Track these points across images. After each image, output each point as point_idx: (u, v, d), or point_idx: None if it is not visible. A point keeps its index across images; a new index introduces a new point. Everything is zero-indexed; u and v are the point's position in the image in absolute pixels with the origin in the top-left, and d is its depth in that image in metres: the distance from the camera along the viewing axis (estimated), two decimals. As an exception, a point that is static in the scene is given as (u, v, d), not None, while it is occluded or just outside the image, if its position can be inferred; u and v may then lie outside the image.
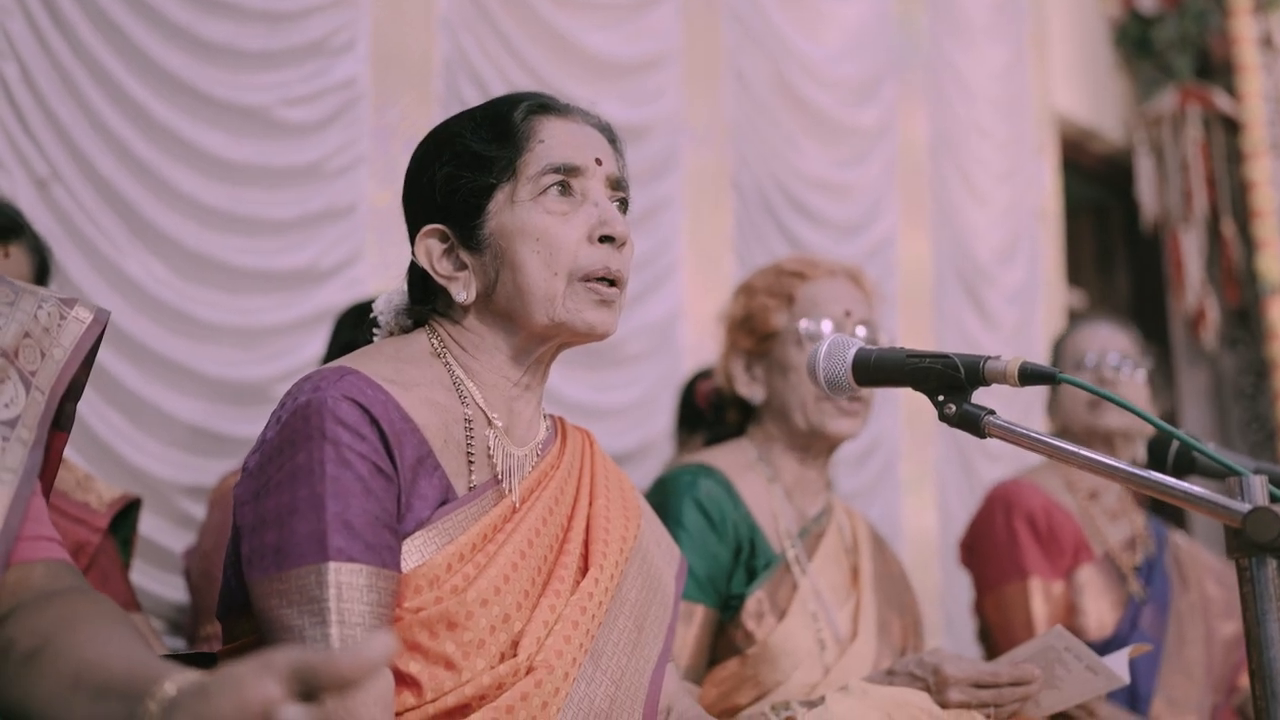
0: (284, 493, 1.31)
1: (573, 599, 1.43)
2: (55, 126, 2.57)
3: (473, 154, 1.47)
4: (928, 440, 4.43)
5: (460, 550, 1.37)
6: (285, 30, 2.93)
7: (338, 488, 1.30)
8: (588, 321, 1.44)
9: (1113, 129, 5.66)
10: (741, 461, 2.08)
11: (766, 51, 4.07)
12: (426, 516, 1.36)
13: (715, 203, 3.90)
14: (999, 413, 1.44)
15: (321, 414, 1.32)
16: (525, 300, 1.44)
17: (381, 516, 1.32)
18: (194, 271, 2.75)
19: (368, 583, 1.29)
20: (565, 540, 1.48)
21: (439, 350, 1.47)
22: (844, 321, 2.07)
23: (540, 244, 1.43)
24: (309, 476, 1.30)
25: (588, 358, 3.49)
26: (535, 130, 1.48)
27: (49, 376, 1.20)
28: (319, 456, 1.30)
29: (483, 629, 1.35)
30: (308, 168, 2.95)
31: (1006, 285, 4.88)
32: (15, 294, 1.21)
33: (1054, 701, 1.84)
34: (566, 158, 1.47)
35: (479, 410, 1.45)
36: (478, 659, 1.34)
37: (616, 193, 1.52)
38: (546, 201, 1.45)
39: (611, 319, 1.46)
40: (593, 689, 1.43)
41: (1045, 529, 2.61)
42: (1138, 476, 1.34)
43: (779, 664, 1.92)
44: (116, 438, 2.60)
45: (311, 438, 1.31)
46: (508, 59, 3.37)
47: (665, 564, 1.63)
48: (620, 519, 1.55)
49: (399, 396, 1.38)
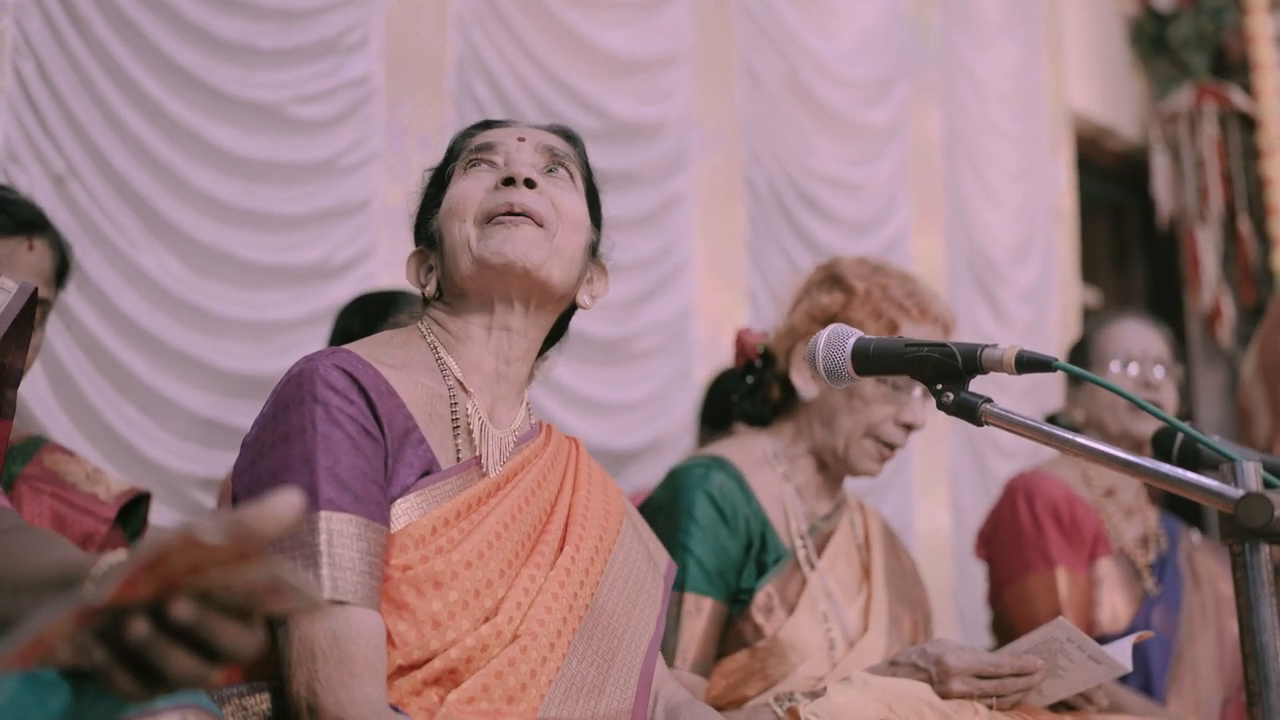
0: (278, 453, 1.38)
1: (551, 573, 1.49)
2: (71, 123, 2.60)
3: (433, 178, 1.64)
4: (941, 438, 4.43)
5: (445, 516, 1.43)
6: (299, 28, 2.96)
7: (328, 444, 1.36)
8: (498, 252, 1.49)
9: (1128, 127, 5.65)
10: (756, 456, 2.06)
11: (779, 50, 4.08)
12: (411, 483, 1.42)
13: (727, 200, 3.91)
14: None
15: (312, 380, 1.39)
16: (454, 258, 1.54)
17: (370, 473, 1.38)
18: (208, 266, 2.78)
19: (357, 532, 1.35)
20: (547, 524, 1.54)
21: (426, 335, 1.56)
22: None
23: (455, 205, 1.55)
24: (300, 435, 1.37)
25: (599, 354, 3.51)
26: (473, 138, 1.62)
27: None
28: (310, 417, 1.37)
29: (466, 590, 1.41)
30: (321, 164, 2.98)
31: (1020, 283, 4.87)
32: None
33: (1056, 690, 1.84)
34: (486, 140, 1.59)
35: (458, 384, 1.52)
36: (462, 619, 1.39)
37: (549, 160, 1.59)
38: (464, 174, 1.57)
39: (523, 245, 1.50)
40: (584, 666, 1.48)
41: (1068, 519, 2.59)
42: (1135, 464, 1.35)
43: (787, 658, 1.93)
44: (131, 430, 2.63)
45: (303, 401, 1.38)
46: (520, 57, 3.39)
47: (652, 558, 1.68)
48: (600, 513, 1.60)
49: (387, 374, 1.45)
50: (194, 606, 0.86)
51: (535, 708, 1.41)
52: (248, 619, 0.89)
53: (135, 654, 0.88)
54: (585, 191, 1.63)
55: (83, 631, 0.88)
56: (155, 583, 0.86)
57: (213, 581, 0.86)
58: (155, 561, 0.85)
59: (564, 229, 1.54)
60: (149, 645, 0.87)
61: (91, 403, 2.57)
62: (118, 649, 0.88)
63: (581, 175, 1.63)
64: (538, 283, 1.52)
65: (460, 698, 1.37)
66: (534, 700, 1.41)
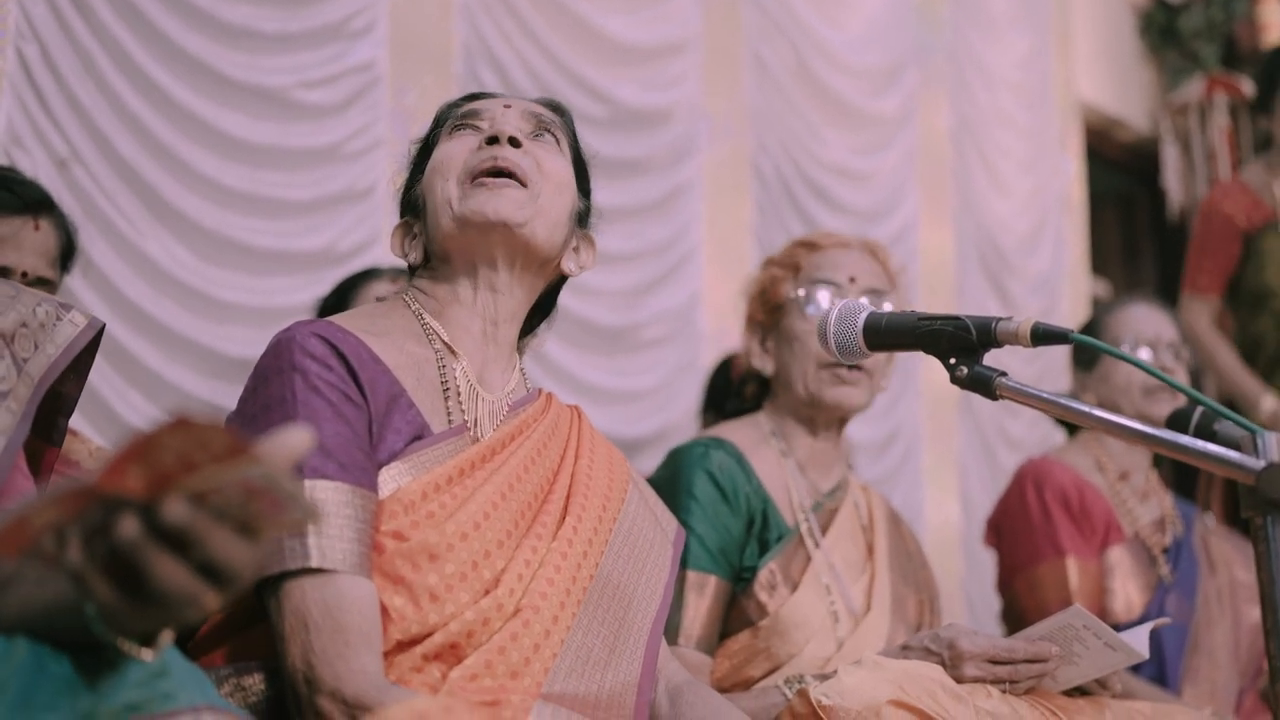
0: (259, 423, 1.35)
1: (553, 544, 1.46)
2: (75, 107, 2.58)
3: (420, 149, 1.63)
4: (950, 429, 4.41)
5: (436, 481, 1.40)
6: (304, 13, 2.95)
7: (309, 411, 1.35)
8: (478, 211, 1.47)
9: (1138, 118, 5.62)
10: (755, 435, 2.07)
11: (787, 38, 4.06)
12: (400, 449, 1.40)
13: (735, 189, 3.89)
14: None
15: (290, 348, 1.38)
16: (437, 219, 1.52)
17: (354, 439, 1.36)
18: (213, 252, 2.77)
19: (344, 499, 1.33)
20: (549, 493, 1.51)
21: (410, 304, 1.54)
22: (846, 288, 2.04)
23: (439, 164, 1.53)
24: (281, 404, 1.36)
25: (606, 342, 3.49)
26: (459, 108, 1.60)
27: (39, 366, 1.27)
28: (290, 386, 1.36)
29: (464, 562, 1.37)
30: (326, 150, 2.97)
31: (1030, 274, 4.84)
32: (17, 291, 1.29)
33: (1071, 677, 1.82)
34: (472, 108, 1.58)
35: (445, 347, 1.50)
36: (461, 592, 1.36)
37: (535, 125, 1.57)
38: (449, 138, 1.55)
39: (506, 205, 1.48)
40: (590, 638, 1.45)
41: (1078, 506, 2.56)
42: (1153, 436, 1.33)
43: (790, 636, 1.91)
44: (137, 417, 2.61)
45: (282, 370, 1.37)
46: (526, 43, 3.37)
47: (660, 525, 1.65)
48: (604, 482, 1.57)
49: (370, 342, 1.44)
50: (187, 507, 0.82)
51: (539, 682, 1.38)
52: (246, 534, 0.84)
53: (121, 558, 0.83)
54: (573, 160, 1.61)
55: (70, 524, 0.83)
56: (147, 474, 0.82)
57: (207, 481, 0.82)
58: (146, 445, 0.81)
59: (548, 189, 1.52)
60: (137, 548, 0.82)
61: (96, 388, 2.56)
62: (103, 552, 0.83)
63: (569, 143, 1.61)
64: (520, 241, 1.50)
65: (463, 675, 1.34)
66: (538, 675, 1.38)
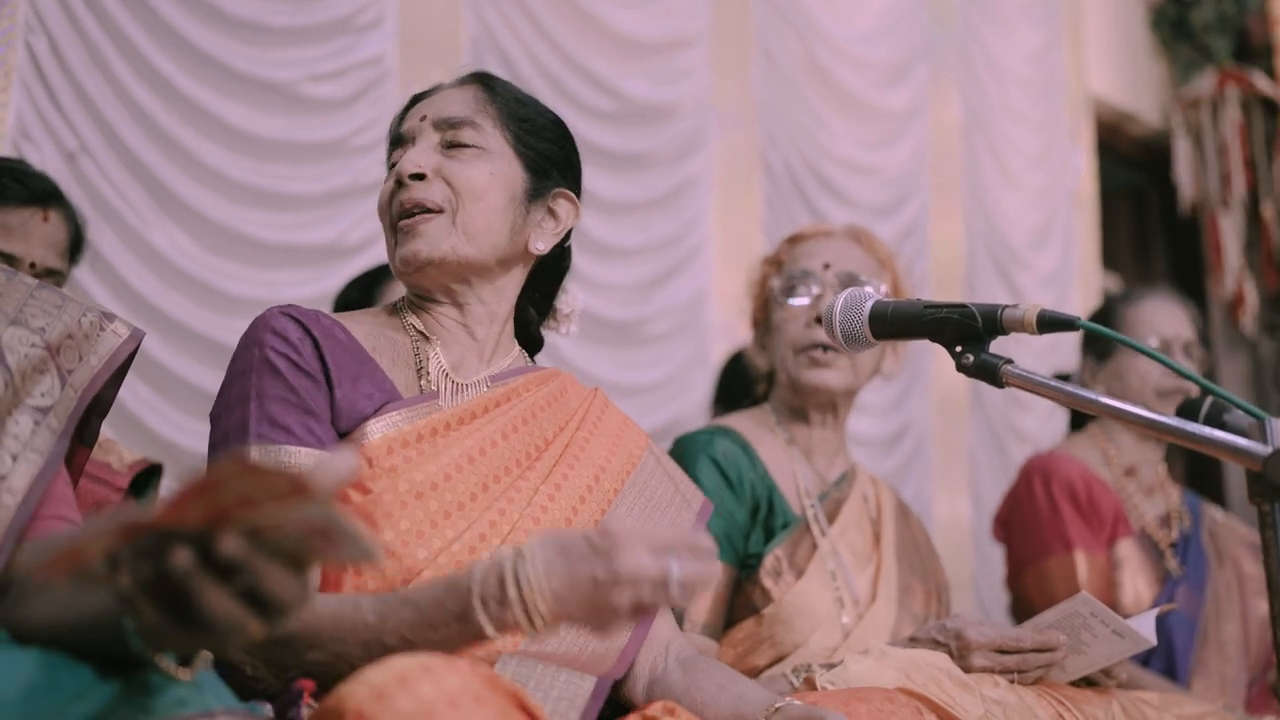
0: (225, 398, 1.44)
1: (526, 510, 1.48)
2: (83, 100, 2.59)
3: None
4: (960, 424, 4.39)
5: (404, 437, 1.43)
6: (313, 6, 2.95)
7: (261, 382, 1.41)
8: (404, 258, 1.54)
9: (1150, 112, 5.59)
10: (760, 424, 2.09)
11: (796, 31, 4.05)
12: (369, 412, 1.45)
13: (744, 183, 3.88)
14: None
15: (258, 327, 1.45)
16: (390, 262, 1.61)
17: (304, 405, 1.41)
18: (220, 245, 2.77)
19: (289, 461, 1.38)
20: (537, 460, 1.53)
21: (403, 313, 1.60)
22: (820, 274, 2.05)
23: (380, 212, 1.59)
24: (241, 379, 1.43)
25: (615, 335, 3.49)
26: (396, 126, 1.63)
27: (83, 378, 1.30)
28: (252, 361, 1.43)
29: (420, 520, 1.40)
30: (333, 144, 2.96)
31: (1040, 269, 4.83)
32: (63, 300, 1.32)
33: (1080, 666, 1.81)
34: (401, 131, 1.60)
35: (420, 334, 1.56)
36: (418, 548, 1.39)
37: (448, 133, 1.57)
38: (387, 175, 1.60)
39: (423, 243, 1.52)
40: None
41: (1085, 500, 2.55)
42: (1160, 423, 1.32)
43: (795, 624, 1.91)
44: (144, 409, 2.62)
45: (249, 348, 1.44)
46: (535, 37, 3.37)
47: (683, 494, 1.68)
48: (605, 445, 1.60)
49: (348, 324, 1.51)
50: (243, 543, 0.83)
51: (517, 641, 1.39)
52: (297, 567, 0.85)
53: (172, 586, 0.84)
54: (513, 135, 1.57)
55: (124, 548, 0.84)
56: (205, 509, 0.83)
57: (265, 517, 0.83)
58: (208, 485, 0.82)
59: (465, 204, 1.53)
60: (189, 577, 0.83)
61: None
62: (154, 577, 0.84)
63: (499, 123, 1.57)
64: (453, 266, 1.53)
65: None
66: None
